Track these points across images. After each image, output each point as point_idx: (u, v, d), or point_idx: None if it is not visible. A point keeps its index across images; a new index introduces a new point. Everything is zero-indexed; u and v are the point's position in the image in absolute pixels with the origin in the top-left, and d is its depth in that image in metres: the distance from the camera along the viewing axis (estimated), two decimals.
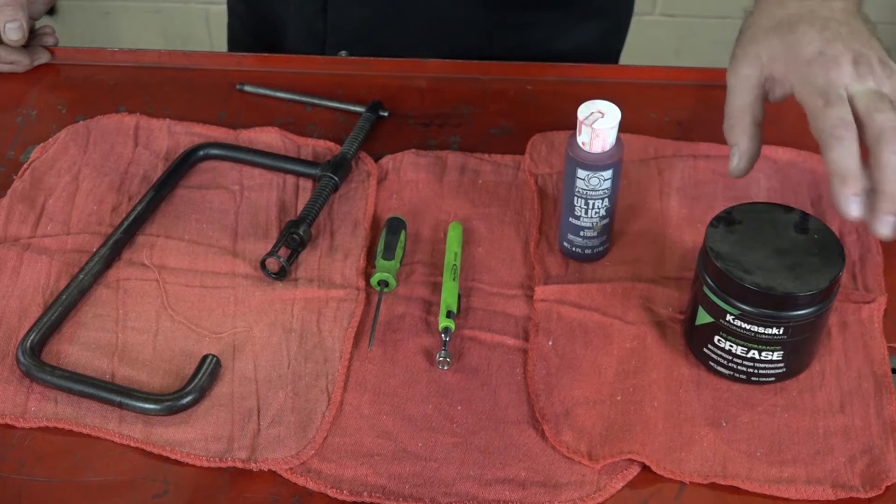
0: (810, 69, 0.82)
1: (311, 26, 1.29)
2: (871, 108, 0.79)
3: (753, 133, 0.85)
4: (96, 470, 0.83)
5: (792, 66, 0.83)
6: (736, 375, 0.87)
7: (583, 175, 0.92)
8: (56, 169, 1.07)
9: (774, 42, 0.84)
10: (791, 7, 0.86)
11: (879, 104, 0.79)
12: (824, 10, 0.85)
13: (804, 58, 0.82)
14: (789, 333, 0.83)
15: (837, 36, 0.83)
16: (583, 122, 0.89)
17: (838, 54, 0.82)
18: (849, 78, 0.81)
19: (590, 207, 0.94)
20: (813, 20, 0.84)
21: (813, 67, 0.81)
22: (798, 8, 0.86)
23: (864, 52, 0.82)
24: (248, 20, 1.39)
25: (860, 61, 0.82)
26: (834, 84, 0.80)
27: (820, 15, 0.85)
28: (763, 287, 0.81)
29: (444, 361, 0.89)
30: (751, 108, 0.85)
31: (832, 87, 0.80)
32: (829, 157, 0.79)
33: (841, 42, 0.83)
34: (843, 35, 0.84)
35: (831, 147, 0.79)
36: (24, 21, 1.15)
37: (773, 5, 0.88)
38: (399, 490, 0.82)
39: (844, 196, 0.78)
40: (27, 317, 0.93)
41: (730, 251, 0.84)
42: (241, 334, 0.92)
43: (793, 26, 0.84)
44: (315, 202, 1.01)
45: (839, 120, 0.79)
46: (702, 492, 0.82)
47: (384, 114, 1.13)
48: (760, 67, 0.85)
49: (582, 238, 0.96)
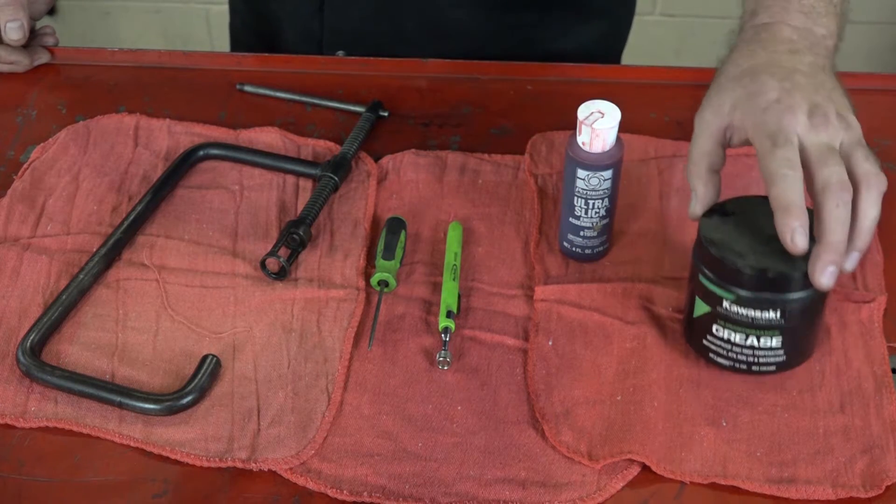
0: (765, 115, 0.83)
1: (308, 27, 1.29)
2: (820, 161, 0.81)
3: (709, 179, 0.87)
4: (96, 470, 0.83)
5: (749, 112, 0.84)
6: (736, 366, 0.87)
7: (583, 175, 0.92)
8: (56, 169, 1.07)
9: (738, 91, 0.86)
10: (759, 57, 0.88)
11: (828, 158, 0.81)
12: (790, 62, 0.87)
13: (761, 105, 0.84)
14: (787, 317, 0.83)
15: (797, 87, 0.85)
16: (583, 122, 0.89)
17: (794, 104, 0.83)
18: (802, 128, 0.82)
19: (590, 207, 0.94)
20: (775, 71, 0.86)
21: (768, 114, 0.83)
22: (765, 58, 0.88)
23: (822, 104, 0.84)
24: (249, 19, 1.39)
25: (816, 112, 0.83)
26: (785, 130, 0.82)
27: (784, 66, 0.87)
28: (757, 269, 0.81)
29: (444, 361, 0.89)
30: (709, 156, 0.87)
31: (783, 132, 0.82)
32: (773, 193, 0.80)
33: (800, 93, 0.84)
34: (803, 86, 0.85)
35: (775, 183, 0.80)
36: (25, 21, 1.15)
37: (743, 55, 0.89)
38: (399, 490, 0.82)
39: (789, 227, 0.79)
40: (27, 317, 0.93)
41: (724, 238, 0.84)
42: (241, 334, 0.92)
43: (756, 75, 0.86)
44: (315, 202, 1.01)
45: (785, 160, 0.80)
46: (702, 492, 0.82)
47: (384, 114, 1.14)
48: (723, 116, 0.86)
49: (582, 238, 0.96)
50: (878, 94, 1.17)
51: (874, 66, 2.41)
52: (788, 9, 0.90)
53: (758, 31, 0.91)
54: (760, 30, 0.91)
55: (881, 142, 1.11)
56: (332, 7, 1.26)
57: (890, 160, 1.09)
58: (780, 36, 0.89)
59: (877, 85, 1.18)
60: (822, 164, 0.80)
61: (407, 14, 1.25)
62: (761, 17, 0.91)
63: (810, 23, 0.90)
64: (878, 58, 2.41)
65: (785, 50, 0.88)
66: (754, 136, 0.84)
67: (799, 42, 0.89)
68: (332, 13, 1.27)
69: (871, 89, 1.17)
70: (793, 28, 0.90)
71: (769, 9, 0.91)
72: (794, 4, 0.91)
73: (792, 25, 0.90)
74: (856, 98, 1.17)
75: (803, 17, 0.90)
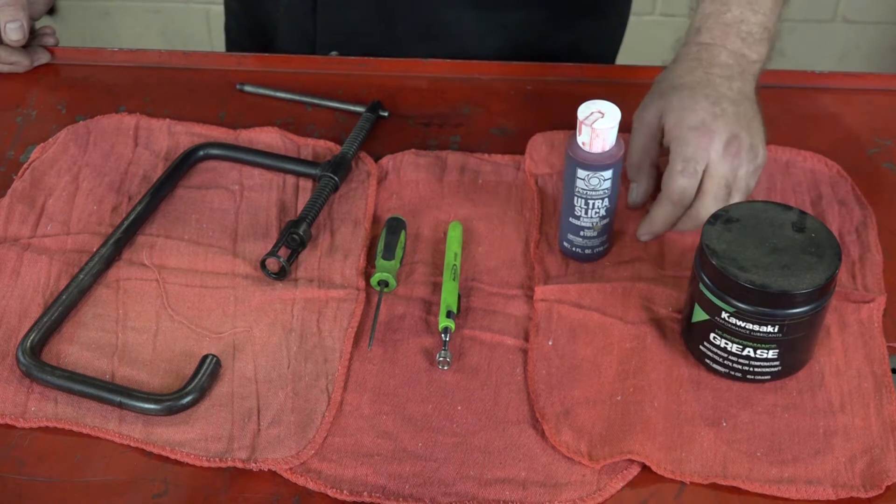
0: (689, 134, 0.94)
1: (302, 27, 1.29)
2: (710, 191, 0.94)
3: (651, 173, 1.00)
4: (96, 470, 0.83)
5: (678, 126, 0.95)
6: (732, 373, 0.87)
7: (583, 175, 0.92)
8: (56, 169, 1.07)
9: (675, 101, 0.96)
10: (696, 75, 0.98)
11: (718, 192, 0.94)
12: (723, 87, 0.97)
13: (688, 123, 0.95)
14: (784, 332, 0.83)
15: (723, 114, 0.95)
16: (583, 121, 0.89)
17: (716, 130, 0.94)
18: (715, 154, 0.94)
19: (590, 207, 0.94)
20: (709, 93, 0.96)
21: (691, 134, 0.94)
22: (701, 78, 0.98)
23: (739, 136, 0.95)
24: (244, 20, 1.39)
25: (732, 143, 0.94)
26: (697, 158, 0.94)
27: (718, 90, 0.97)
28: (758, 285, 0.81)
29: (443, 361, 0.89)
30: (649, 152, 0.99)
31: (693, 161, 0.94)
32: (654, 209, 0.97)
33: (724, 120, 0.95)
34: (728, 114, 0.95)
35: (660, 205, 0.96)
36: (25, 21, 1.15)
37: (684, 69, 0.99)
38: (399, 490, 0.82)
39: (642, 230, 0.99)
40: (27, 317, 0.93)
41: (726, 249, 0.84)
42: (241, 334, 0.92)
43: (693, 92, 0.97)
44: (315, 202, 1.01)
45: (682, 190, 0.94)
46: (702, 492, 0.82)
47: (384, 114, 1.13)
48: (659, 118, 0.97)
49: (582, 238, 0.96)
50: (878, 94, 1.17)
51: (874, 66, 2.41)
52: (728, 33, 1.00)
53: (699, 51, 1.00)
54: (702, 49, 1.00)
55: (881, 142, 1.11)
56: (326, 7, 1.26)
57: (890, 160, 1.10)
58: (718, 60, 0.99)
59: (877, 85, 1.18)
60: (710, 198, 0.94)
61: (399, 14, 1.25)
62: (703, 37, 1.01)
63: (745, 48, 1.00)
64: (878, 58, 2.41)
65: (719, 74, 0.98)
66: (673, 151, 0.95)
67: (733, 68, 0.99)
68: (326, 13, 1.27)
69: (871, 89, 1.18)
70: (729, 52, 1.00)
71: (711, 30, 1.01)
72: (733, 29, 1.00)
73: (729, 49, 1.00)
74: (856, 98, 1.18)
75: (740, 42, 1.00)
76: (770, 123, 1.12)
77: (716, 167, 0.94)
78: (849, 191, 1.05)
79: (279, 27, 1.32)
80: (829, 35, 2.37)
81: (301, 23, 1.29)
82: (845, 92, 1.17)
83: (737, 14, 1.00)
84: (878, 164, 1.09)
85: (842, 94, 1.17)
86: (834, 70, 1.19)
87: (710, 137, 0.94)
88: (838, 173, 1.06)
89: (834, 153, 1.08)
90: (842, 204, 1.03)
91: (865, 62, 2.41)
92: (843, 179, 1.06)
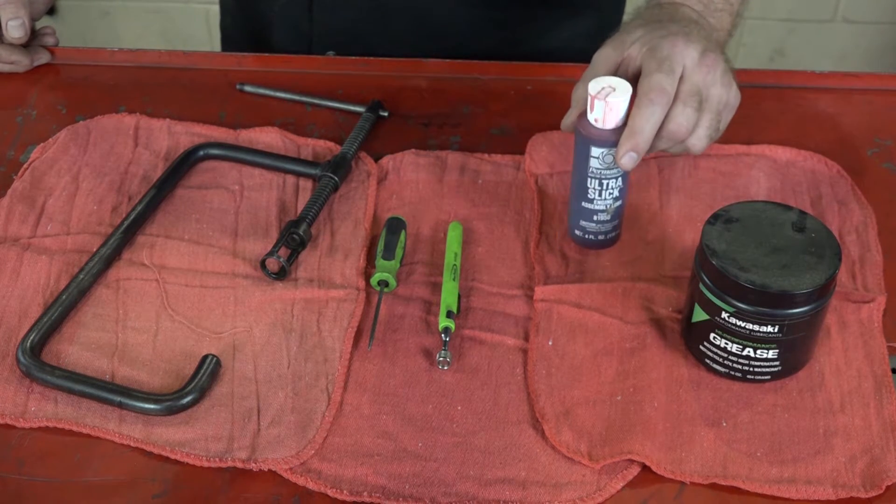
0: (662, 41, 0.90)
1: (298, 26, 1.29)
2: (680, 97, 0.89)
3: None
4: (96, 470, 0.83)
5: (648, 40, 0.91)
6: (732, 373, 0.87)
7: (597, 153, 0.91)
8: (56, 169, 1.07)
9: (641, 31, 0.93)
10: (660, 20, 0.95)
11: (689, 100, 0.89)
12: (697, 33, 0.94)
13: (660, 34, 0.91)
14: (784, 332, 0.83)
15: (694, 37, 0.91)
16: (595, 96, 0.88)
17: (690, 41, 0.90)
18: (690, 61, 0.89)
19: (604, 189, 0.93)
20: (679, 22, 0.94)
21: (665, 41, 0.90)
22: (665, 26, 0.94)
23: (715, 52, 0.90)
24: (240, 19, 1.40)
25: (708, 56, 0.90)
26: (673, 58, 0.88)
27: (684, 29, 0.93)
28: (758, 285, 0.81)
29: (444, 361, 0.89)
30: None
31: (671, 59, 0.88)
32: (634, 114, 0.88)
33: (695, 38, 0.91)
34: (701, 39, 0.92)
35: (640, 107, 0.88)
36: (27, 19, 1.15)
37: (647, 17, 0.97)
38: (399, 490, 0.82)
39: (625, 148, 0.88)
40: (27, 317, 0.93)
41: (726, 249, 0.84)
42: (241, 334, 0.92)
43: (661, 24, 0.94)
44: (315, 202, 1.01)
45: (660, 87, 0.87)
46: (702, 492, 0.82)
47: (384, 114, 1.14)
48: (622, 50, 0.93)
49: (595, 223, 0.95)
50: (877, 94, 1.17)
51: (874, 66, 2.41)
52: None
53: (660, 12, 0.97)
54: (663, 10, 0.97)
55: (881, 142, 1.11)
56: (322, 6, 1.26)
57: (890, 160, 1.10)
58: (680, 14, 0.96)
59: (876, 85, 1.18)
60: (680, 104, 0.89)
61: (395, 13, 1.26)
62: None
63: (707, 13, 0.98)
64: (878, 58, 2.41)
65: (681, 27, 0.94)
66: (645, 57, 0.90)
67: (696, 24, 0.96)
68: (322, 12, 1.27)
69: (871, 89, 1.18)
70: (692, 10, 0.97)
71: None
72: None
73: (692, 8, 0.97)
74: (856, 98, 1.18)
75: (702, 6, 0.98)
76: (770, 123, 1.12)
77: (689, 73, 0.90)
78: (849, 191, 1.05)
79: (275, 25, 1.32)
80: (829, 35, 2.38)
81: (297, 21, 1.29)
82: (845, 92, 1.17)
83: None
84: (878, 164, 1.09)
85: (842, 94, 1.17)
86: (834, 70, 1.19)
87: (685, 44, 0.90)
88: (838, 173, 1.06)
89: (834, 153, 1.08)
90: (842, 204, 1.03)
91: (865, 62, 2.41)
92: (843, 179, 1.06)
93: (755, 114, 1.14)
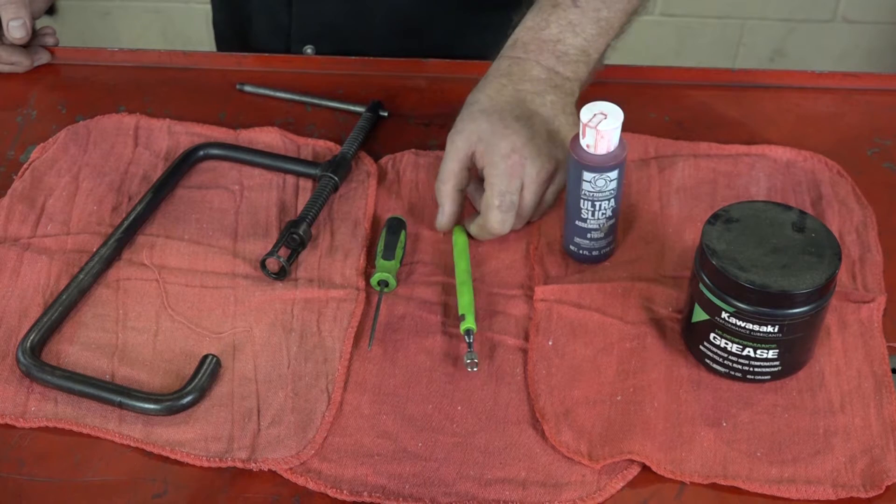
0: (503, 163, 0.95)
1: (277, 20, 1.29)
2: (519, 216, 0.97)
3: (455, 198, 0.99)
4: (96, 470, 0.83)
5: (489, 154, 0.95)
6: (732, 373, 0.87)
7: (589, 178, 0.91)
8: (56, 169, 1.07)
9: (485, 125, 0.96)
10: (506, 94, 0.98)
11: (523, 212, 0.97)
12: (534, 104, 0.98)
13: (500, 151, 0.95)
14: (784, 331, 0.83)
15: (534, 136, 0.96)
16: (587, 124, 0.89)
17: (528, 156, 0.95)
18: (528, 180, 0.96)
19: (596, 209, 0.93)
20: (520, 114, 0.96)
21: (505, 163, 0.95)
22: (512, 96, 0.98)
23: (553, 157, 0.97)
24: (225, 13, 1.40)
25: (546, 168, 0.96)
26: (512, 189, 0.95)
27: (529, 108, 0.97)
28: (758, 285, 0.81)
29: (471, 363, 0.89)
30: (457, 176, 0.98)
31: (509, 192, 0.95)
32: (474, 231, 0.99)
33: (535, 143, 0.95)
34: (542, 135, 0.96)
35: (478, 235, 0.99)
36: (28, 19, 1.15)
37: (494, 89, 0.99)
38: (399, 490, 0.82)
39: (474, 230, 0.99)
40: (27, 317, 0.93)
41: (726, 249, 0.84)
42: (241, 334, 0.92)
43: (503, 115, 0.96)
44: (315, 202, 1.01)
45: (501, 223, 0.96)
46: (702, 492, 0.82)
47: (384, 114, 1.13)
48: (471, 144, 0.97)
49: (589, 240, 0.96)
50: (877, 94, 1.17)
51: (874, 66, 2.41)
52: (543, 49, 1.00)
53: (511, 65, 1.00)
54: (514, 63, 1.00)
55: (881, 142, 1.11)
56: (301, 1, 1.26)
57: (890, 160, 1.10)
58: (530, 74, 0.99)
59: (876, 85, 1.18)
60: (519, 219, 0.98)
61: (375, 10, 1.25)
62: (517, 51, 1.00)
63: (559, 66, 1.00)
64: (878, 58, 2.41)
65: (530, 90, 0.98)
66: (487, 182, 0.96)
67: (546, 82, 0.99)
68: (301, 7, 1.27)
69: (871, 89, 1.17)
70: (542, 67, 0.99)
71: (527, 45, 1.00)
72: (549, 46, 1.00)
73: (542, 65, 0.99)
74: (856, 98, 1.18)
75: (554, 59, 1.00)
76: (770, 123, 1.12)
77: (527, 193, 0.96)
78: (849, 191, 1.05)
79: (254, 20, 1.32)
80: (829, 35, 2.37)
81: (276, 16, 1.29)
82: (845, 92, 1.17)
83: (555, 32, 1.00)
84: (878, 164, 1.09)
85: (842, 94, 1.17)
86: (834, 70, 1.19)
87: (522, 165, 0.95)
88: (838, 173, 1.06)
89: (834, 153, 1.08)
90: (842, 204, 1.03)
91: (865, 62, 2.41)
92: (843, 179, 1.06)
93: (755, 114, 1.14)
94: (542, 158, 0.96)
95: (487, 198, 0.96)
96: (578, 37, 1.00)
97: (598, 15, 1.00)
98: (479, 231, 0.98)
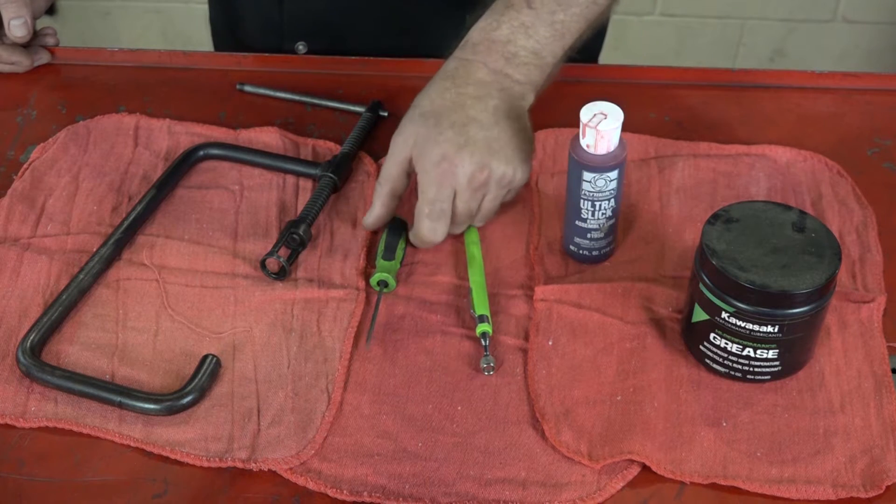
0: (434, 170, 0.93)
1: (269, 16, 1.29)
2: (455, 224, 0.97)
3: (388, 201, 0.98)
4: (96, 470, 0.83)
5: (422, 160, 0.94)
6: (732, 373, 0.87)
7: (589, 178, 0.91)
8: (56, 169, 1.07)
9: (422, 130, 0.95)
10: (448, 97, 0.96)
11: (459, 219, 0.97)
12: (474, 109, 0.95)
13: (432, 159, 0.93)
14: (784, 331, 0.83)
15: (468, 143, 0.93)
16: (587, 124, 0.89)
17: (459, 164, 0.93)
18: (461, 188, 0.94)
19: (596, 209, 0.93)
20: (457, 119, 0.94)
21: (435, 171, 0.93)
22: (453, 100, 0.96)
23: (488, 165, 0.94)
24: (219, 10, 1.39)
25: (478, 174, 0.94)
26: (442, 198, 0.94)
27: (467, 114, 0.95)
28: (758, 285, 0.81)
29: (488, 367, 0.89)
30: (394, 181, 0.97)
31: (439, 201, 0.94)
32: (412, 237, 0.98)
33: (469, 151, 0.93)
34: (475, 142, 0.94)
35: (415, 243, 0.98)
36: (29, 18, 1.15)
37: (437, 91, 0.97)
38: (399, 490, 0.82)
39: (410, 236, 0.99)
40: (27, 317, 0.93)
41: (726, 249, 0.84)
42: (241, 334, 0.92)
43: (439, 120, 0.94)
44: (315, 202, 1.01)
45: (432, 231, 0.95)
46: (702, 492, 0.82)
47: (384, 114, 1.13)
48: (408, 148, 0.96)
49: (589, 240, 0.96)
50: (877, 94, 1.17)
51: (874, 66, 2.41)
52: (492, 50, 0.97)
53: (458, 66, 0.98)
54: (460, 65, 0.98)
55: (881, 142, 1.11)
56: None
57: (890, 160, 1.10)
58: (474, 77, 0.97)
59: (876, 85, 1.18)
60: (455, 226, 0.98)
61: (365, 7, 1.25)
62: (466, 52, 0.99)
63: (508, 68, 0.97)
64: (878, 58, 2.41)
65: (472, 94, 0.96)
66: (419, 189, 0.95)
67: (491, 86, 0.96)
68: (292, 3, 1.27)
69: (871, 89, 1.17)
70: (489, 70, 0.97)
71: (476, 46, 0.98)
72: (498, 47, 0.97)
73: (489, 67, 0.97)
74: (856, 98, 1.18)
75: (504, 61, 0.97)
76: (770, 123, 1.12)
77: (461, 204, 0.95)
78: (849, 191, 1.05)
79: (246, 16, 1.32)
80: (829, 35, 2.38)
81: (268, 12, 1.29)
82: (845, 92, 1.17)
83: (506, 33, 0.97)
84: (878, 164, 1.09)
85: (842, 94, 1.17)
86: (834, 70, 1.19)
87: (453, 173, 0.93)
88: (838, 173, 1.06)
89: (834, 153, 1.08)
90: (842, 204, 1.03)
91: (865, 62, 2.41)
92: (843, 179, 1.06)
93: (755, 114, 1.14)
94: (473, 167, 0.93)
95: (418, 205, 0.95)
96: (531, 39, 0.98)
97: (553, 18, 0.98)
98: (413, 238, 0.98)
